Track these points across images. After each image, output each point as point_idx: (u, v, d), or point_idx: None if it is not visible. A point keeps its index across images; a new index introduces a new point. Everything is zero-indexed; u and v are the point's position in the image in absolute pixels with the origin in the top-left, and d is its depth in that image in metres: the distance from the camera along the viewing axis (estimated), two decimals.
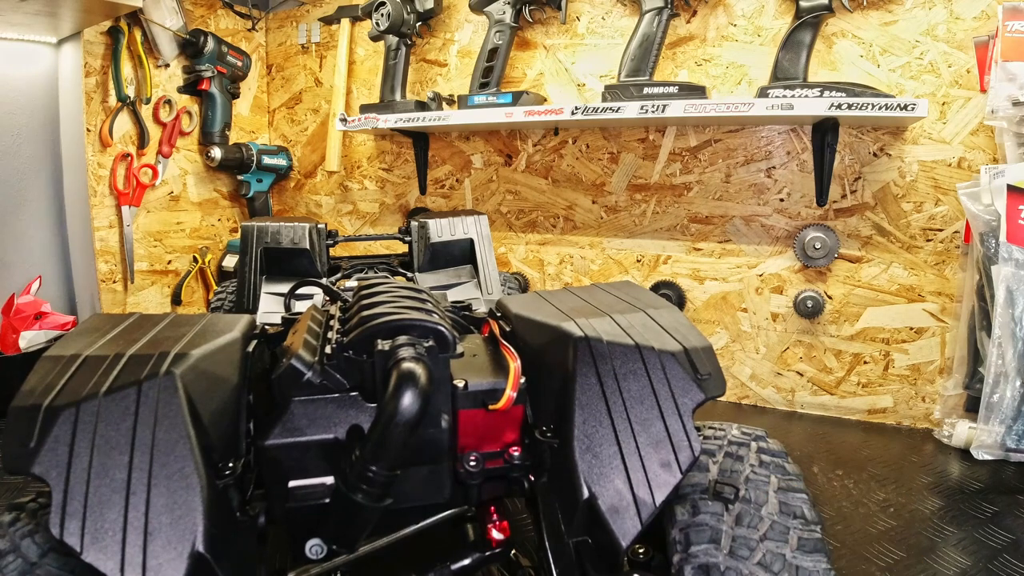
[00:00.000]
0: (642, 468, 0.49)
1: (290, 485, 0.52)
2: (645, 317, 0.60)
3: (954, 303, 1.27)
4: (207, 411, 0.49)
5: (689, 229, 1.49)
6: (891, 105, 1.12)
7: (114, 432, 0.45)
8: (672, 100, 1.28)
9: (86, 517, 0.41)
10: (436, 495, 0.56)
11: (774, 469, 0.54)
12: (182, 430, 0.46)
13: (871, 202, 1.32)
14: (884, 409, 1.35)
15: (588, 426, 0.52)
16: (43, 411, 0.45)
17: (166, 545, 0.42)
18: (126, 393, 0.47)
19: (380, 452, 0.46)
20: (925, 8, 1.23)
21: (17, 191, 1.52)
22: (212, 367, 0.53)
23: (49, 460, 0.43)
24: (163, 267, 1.73)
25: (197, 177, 1.80)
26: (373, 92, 1.79)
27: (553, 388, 0.56)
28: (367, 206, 1.87)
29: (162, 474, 0.44)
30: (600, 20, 1.52)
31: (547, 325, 0.60)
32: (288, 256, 1.08)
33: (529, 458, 0.57)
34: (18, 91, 1.49)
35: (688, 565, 0.47)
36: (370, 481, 0.47)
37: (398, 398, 0.45)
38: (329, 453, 0.53)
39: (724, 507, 0.50)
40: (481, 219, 1.20)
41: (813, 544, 0.47)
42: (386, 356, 0.50)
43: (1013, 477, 1.07)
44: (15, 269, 1.51)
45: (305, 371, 0.53)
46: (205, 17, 1.77)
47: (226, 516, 0.48)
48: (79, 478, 0.43)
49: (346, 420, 0.53)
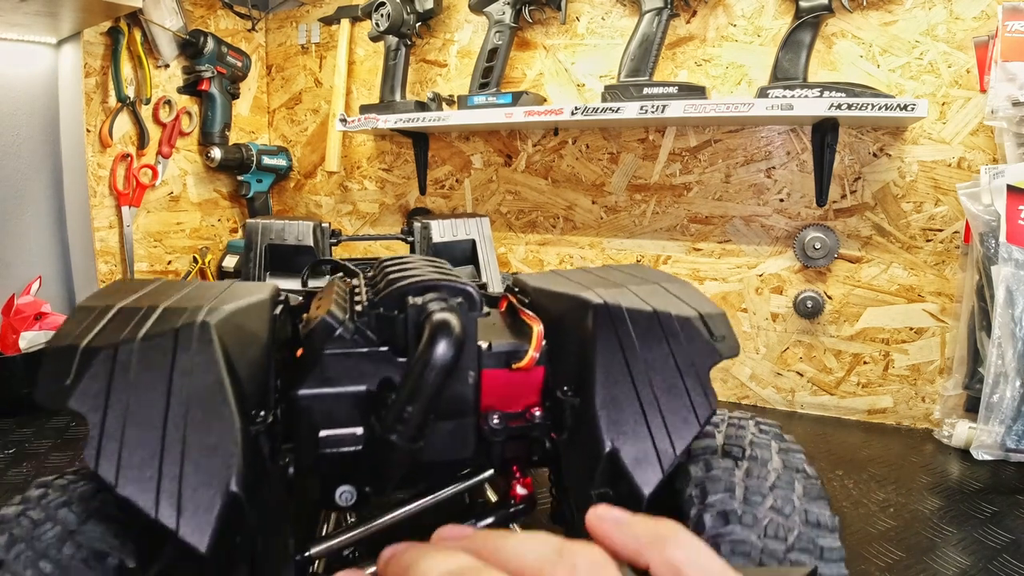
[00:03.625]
0: (662, 422, 0.52)
1: (321, 434, 0.55)
2: (659, 288, 0.63)
3: (954, 303, 1.27)
4: (239, 362, 0.50)
5: (689, 229, 1.49)
6: (891, 105, 1.12)
7: (151, 373, 0.45)
8: (672, 100, 1.28)
9: (122, 452, 0.41)
10: (461, 451, 0.58)
11: (774, 436, 0.58)
12: (219, 375, 0.46)
13: (871, 202, 1.32)
14: (884, 409, 1.35)
15: (609, 385, 0.54)
16: (80, 351, 0.45)
17: (202, 483, 0.42)
18: (164, 337, 0.47)
19: (416, 395, 0.48)
20: (925, 8, 1.23)
21: (17, 191, 1.52)
22: (244, 321, 0.54)
23: (86, 396, 0.43)
24: (163, 267, 1.73)
25: (197, 177, 1.80)
26: (373, 92, 1.79)
27: (573, 352, 0.58)
28: (367, 206, 1.88)
29: (199, 415, 0.44)
30: (600, 20, 1.52)
31: (566, 294, 0.62)
32: (292, 253, 1.09)
33: (550, 418, 0.60)
34: (18, 91, 1.49)
35: (707, 513, 0.49)
36: (406, 422, 0.48)
37: (433, 345, 0.47)
38: (360, 404, 0.55)
39: (734, 463, 0.53)
40: (483, 221, 1.21)
41: (817, 492, 0.51)
42: (418, 310, 0.53)
43: (1013, 477, 1.07)
44: (15, 269, 1.51)
45: (337, 326, 0.55)
46: (205, 17, 1.77)
47: (259, 462, 0.49)
48: (116, 413, 0.43)
49: (377, 373, 0.55)
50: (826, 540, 0.47)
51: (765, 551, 0.46)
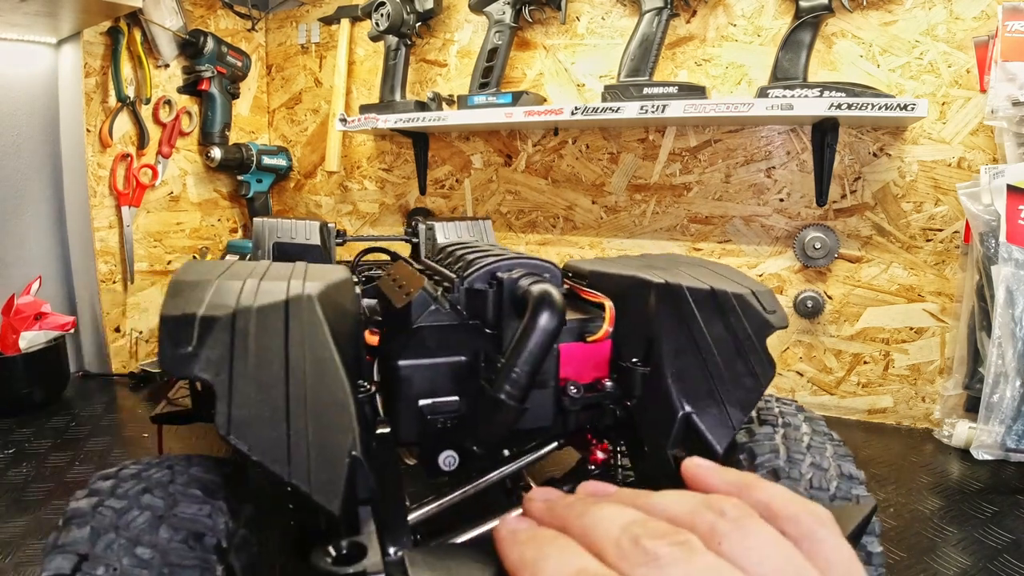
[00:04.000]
0: (729, 387, 0.57)
1: (420, 403, 0.58)
2: (707, 270, 0.68)
3: (954, 303, 1.27)
4: (338, 335, 0.51)
5: (689, 229, 1.49)
6: (891, 105, 1.12)
7: (270, 340, 0.46)
8: (672, 100, 1.28)
9: (252, 418, 0.42)
10: (543, 420, 0.62)
11: (797, 408, 0.65)
12: (328, 345, 0.47)
13: (871, 202, 1.32)
14: (884, 409, 1.35)
15: (677, 355, 0.60)
16: (199, 319, 0.45)
17: (327, 447, 0.43)
18: (276, 306, 0.47)
19: (527, 357, 0.51)
20: (925, 8, 1.23)
21: (17, 191, 1.52)
22: (337, 297, 0.55)
23: (210, 362, 0.44)
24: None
25: (197, 177, 1.80)
26: (373, 92, 1.79)
27: (637, 327, 0.64)
28: (367, 206, 1.88)
29: (316, 381, 0.45)
30: (600, 20, 1.52)
31: (626, 275, 0.67)
32: (300, 252, 1.09)
33: (619, 389, 0.64)
34: (18, 91, 1.49)
35: (759, 471, 0.55)
36: (514, 383, 0.51)
37: (538, 313, 0.51)
38: (456, 374, 0.58)
39: (772, 428, 0.60)
40: (486, 224, 1.22)
41: (844, 451, 0.58)
42: (512, 283, 0.57)
43: (1013, 477, 1.07)
44: (15, 269, 1.51)
45: (431, 301, 0.59)
46: (205, 17, 1.77)
47: (369, 429, 0.52)
48: (242, 380, 0.43)
49: (471, 344, 0.59)
50: (859, 490, 0.54)
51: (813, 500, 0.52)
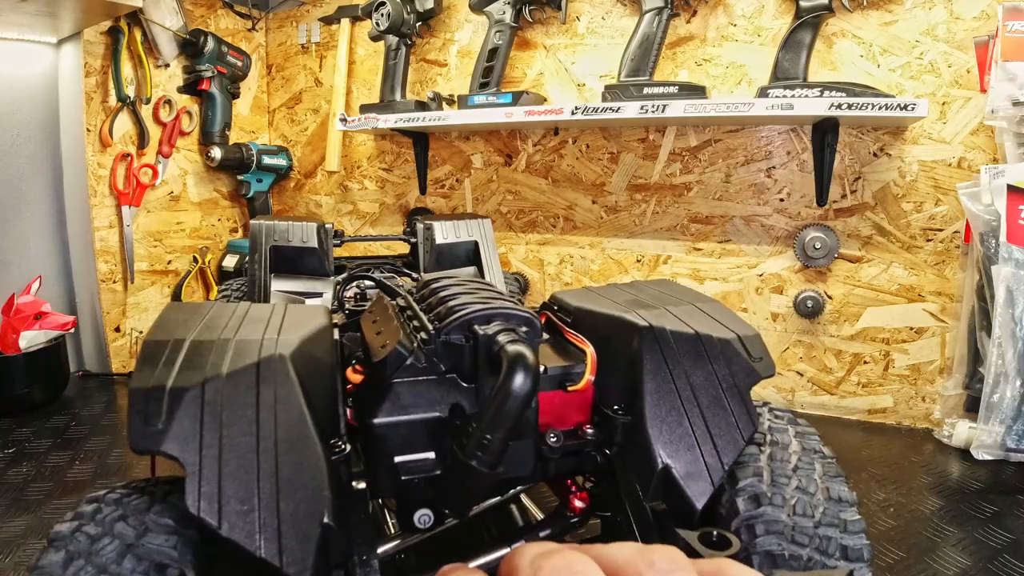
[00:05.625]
0: (710, 439, 0.55)
1: (396, 460, 0.56)
2: (695, 308, 0.66)
3: (954, 303, 1.27)
4: (313, 392, 0.51)
5: (689, 229, 1.49)
6: (891, 105, 1.12)
7: (239, 411, 0.46)
8: (672, 100, 1.28)
9: (221, 494, 0.42)
10: (522, 469, 0.60)
11: (789, 421, 0.62)
12: (300, 408, 0.47)
13: (871, 202, 1.32)
14: (884, 409, 1.35)
15: (658, 404, 0.58)
16: (168, 392, 0.45)
17: (297, 518, 0.43)
18: (247, 373, 0.47)
19: (498, 424, 0.49)
20: (925, 8, 1.23)
21: (17, 191, 1.52)
22: (313, 350, 0.55)
23: (179, 438, 0.44)
24: (163, 267, 1.73)
25: (197, 177, 1.80)
26: (373, 92, 1.79)
27: (620, 372, 0.62)
28: (367, 206, 1.88)
29: (286, 449, 0.45)
30: (600, 20, 1.52)
31: (611, 316, 0.65)
32: (297, 254, 1.09)
33: (601, 435, 0.62)
34: (18, 91, 1.49)
35: (739, 497, 0.53)
36: (486, 449, 0.50)
37: (512, 377, 0.49)
38: (432, 430, 0.56)
39: (758, 449, 0.56)
40: (485, 222, 1.21)
41: (835, 470, 0.55)
42: (488, 339, 0.54)
43: (1013, 477, 1.07)
44: (15, 269, 1.51)
45: (407, 355, 0.57)
46: (205, 17, 1.77)
47: (342, 489, 0.51)
48: (211, 456, 0.44)
49: (447, 399, 0.57)
50: (847, 514, 0.51)
51: (796, 528, 0.50)
